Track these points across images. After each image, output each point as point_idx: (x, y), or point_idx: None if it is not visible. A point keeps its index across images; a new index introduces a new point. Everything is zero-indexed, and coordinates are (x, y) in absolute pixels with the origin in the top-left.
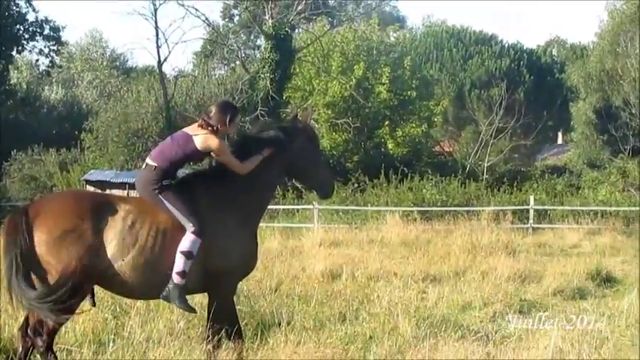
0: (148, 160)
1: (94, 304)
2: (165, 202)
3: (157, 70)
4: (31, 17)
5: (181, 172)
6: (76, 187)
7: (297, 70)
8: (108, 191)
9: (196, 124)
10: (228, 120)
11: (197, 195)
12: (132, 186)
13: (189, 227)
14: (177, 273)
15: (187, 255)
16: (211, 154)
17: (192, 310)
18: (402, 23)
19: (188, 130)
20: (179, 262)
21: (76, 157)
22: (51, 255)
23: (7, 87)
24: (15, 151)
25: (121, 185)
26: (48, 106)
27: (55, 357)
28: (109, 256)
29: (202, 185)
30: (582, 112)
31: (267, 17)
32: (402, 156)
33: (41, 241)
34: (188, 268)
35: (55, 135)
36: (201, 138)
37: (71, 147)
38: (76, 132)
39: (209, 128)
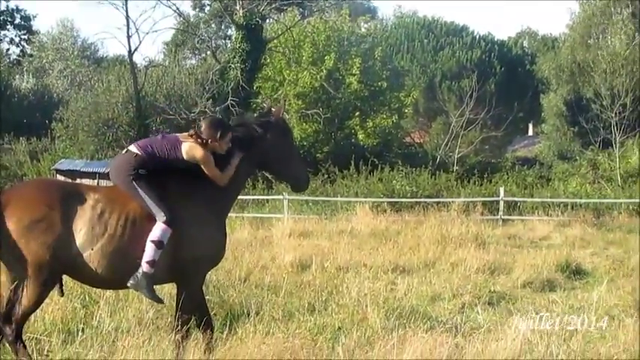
0: (132, 147)
1: (62, 294)
2: (138, 189)
3: (128, 60)
4: (2, 6)
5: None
6: (47, 176)
7: (268, 60)
8: (78, 180)
9: (188, 133)
10: (218, 136)
11: (169, 185)
12: (102, 175)
13: (161, 217)
14: (147, 262)
15: (158, 244)
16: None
17: (159, 300)
18: (373, 14)
19: (180, 135)
20: (149, 251)
21: (47, 146)
22: (20, 244)
23: None
24: None
25: (92, 175)
26: (19, 95)
27: (24, 346)
28: (77, 245)
29: (174, 176)
30: (553, 104)
31: (237, 7)
32: (373, 147)
33: (11, 231)
34: (158, 257)
35: (25, 124)
36: (187, 146)
37: (42, 136)
38: (47, 121)
39: (199, 141)
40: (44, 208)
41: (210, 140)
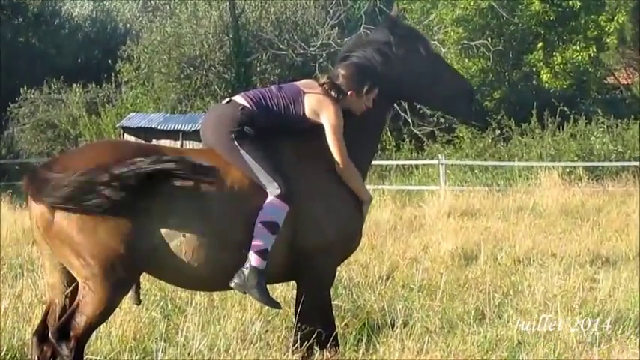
0: (237, 98)
1: (139, 301)
2: (241, 152)
3: None
4: None
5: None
6: (111, 136)
7: None
8: (154, 142)
9: (319, 80)
10: (365, 91)
11: (283, 147)
12: (188, 135)
13: (274, 190)
14: (257, 252)
15: (271, 227)
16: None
17: (275, 304)
18: None
19: (301, 84)
20: (259, 238)
21: (110, 95)
22: (84, 234)
23: (15, 0)
24: (25, 88)
25: (173, 134)
26: (71, 24)
27: None
28: (162, 232)
29: (290, 135)
30: None
31: None
32: (562, 91)
33: (70, 216)
34: (271, 245)
35: (80, 65)
36: (313, 99)
37: (103, 82)
38: (110, 61)
39: (332, 91)
40: None
41: (350, 94)
